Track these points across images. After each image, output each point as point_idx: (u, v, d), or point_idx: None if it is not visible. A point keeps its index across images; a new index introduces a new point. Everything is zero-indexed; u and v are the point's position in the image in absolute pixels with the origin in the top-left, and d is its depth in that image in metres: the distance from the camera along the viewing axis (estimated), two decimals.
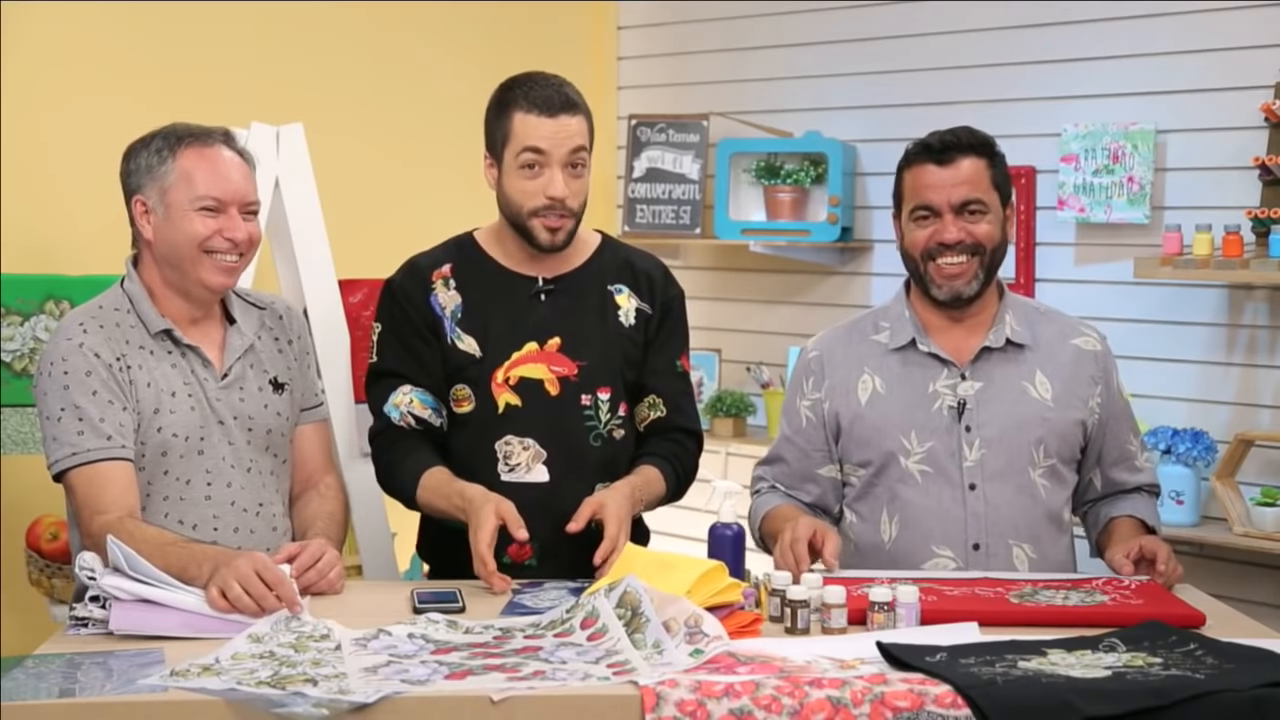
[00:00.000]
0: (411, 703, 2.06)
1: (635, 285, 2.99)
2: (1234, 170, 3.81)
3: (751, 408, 4.70)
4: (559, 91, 2.86)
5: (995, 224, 2.88)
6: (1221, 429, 3.86)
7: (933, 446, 2.86)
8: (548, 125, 2.83)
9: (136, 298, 2.76)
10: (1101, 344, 2.98)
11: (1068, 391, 2.90)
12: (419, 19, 4.61)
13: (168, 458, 2.71)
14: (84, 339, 2.69)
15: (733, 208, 4.65)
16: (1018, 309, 2.96)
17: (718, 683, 2.08)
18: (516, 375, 2.89)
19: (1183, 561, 3.90)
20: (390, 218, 4.46)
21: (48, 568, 3.59)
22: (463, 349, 2.91)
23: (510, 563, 2.84)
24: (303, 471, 2.93)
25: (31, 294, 3.56)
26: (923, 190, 2.87)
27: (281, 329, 2.91)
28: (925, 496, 2.86)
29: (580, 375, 2.90)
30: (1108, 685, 2.12)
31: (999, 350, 2.90)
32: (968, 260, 2.86)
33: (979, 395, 2.88)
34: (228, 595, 2.40)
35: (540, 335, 2.91)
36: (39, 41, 3.85)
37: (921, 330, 2.92)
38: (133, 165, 2.76)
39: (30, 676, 2.15)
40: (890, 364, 2.93)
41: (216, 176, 2.72)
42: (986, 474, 2.85)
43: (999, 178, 2.90)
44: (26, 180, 3.82)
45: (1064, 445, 2.90)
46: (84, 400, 2.65)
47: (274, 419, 2.83)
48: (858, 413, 2.92)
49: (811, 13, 4.64)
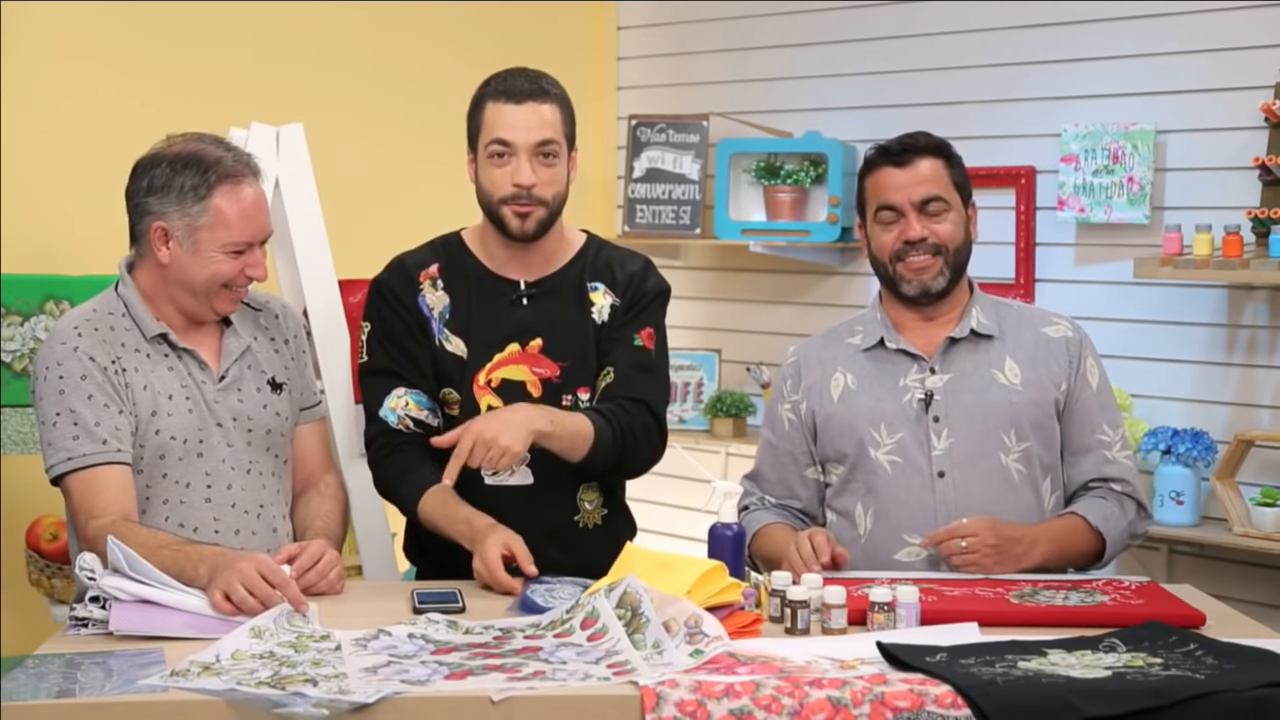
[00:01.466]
0: (411, 703, 2.06)
1: (612, 283, 2.96)
2: (1234, 170, 3.81)
3: (751, 408, 4.70)
4: (530, 82, 2.85)
5: (958, 224, 2.92)
6: (1221, 429, 3.86)
7: (902, 437, 2.90)
8: (515, 114, 2.82)
9: (131, 302, 2.75)
10: (1074, 331, 2.99)
11: (1036, 375, 2.92)
12: (419, 19, 4.61)
13: (166, 460, 2.71)
14: (78, 342, 2.68)
15: (733, 208, 4.65)
16: (985, 303, 3.00)
17: (718, 683, 2.08)
18: (499, 377, 2.89)
19: (1183, 561, 3.92)
20: (390, 218, 4.45)
21: (48, 568, 3.59)
22: (451, 350, 2.90)
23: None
24: (302, 470, 2.93)
25: (31, 294, 3.56)
26: (885, 191, 2.92)
27: (277, 328, 2.91)
28: (895, 486, 2.89)
29: (562, 376, 2.89)
30: (1108, 685, 2.12)
31: (965, 341, 2.94)
32: (931, 258, 2.90)
33: (946, 386, 2.91)
34: (232, 598, 2.40)
35: (522, 337, 2.90)
36: (39, 41, 3.85)
37: (891, 328, 2.97)
38: (152, 185, 2.71)
39: (30, 676, 2.15)
40: (862, 362, 2.98)
41: (247, 221, 2.72)
42: (955, 461, 2.87)
43: (958, 177, 2.95)
44: (26, 180, 3.83)
45: (1037, 428, 2.90)
46: (79, 404, 2.65)
47: (273, 419, 2.83)
48: (830, 410, 2.96)
49: (812, 13, 4.64)
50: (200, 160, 2.71)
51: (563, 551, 2.79)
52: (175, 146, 2.74)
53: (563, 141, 2.86)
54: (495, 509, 2.79)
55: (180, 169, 2.70)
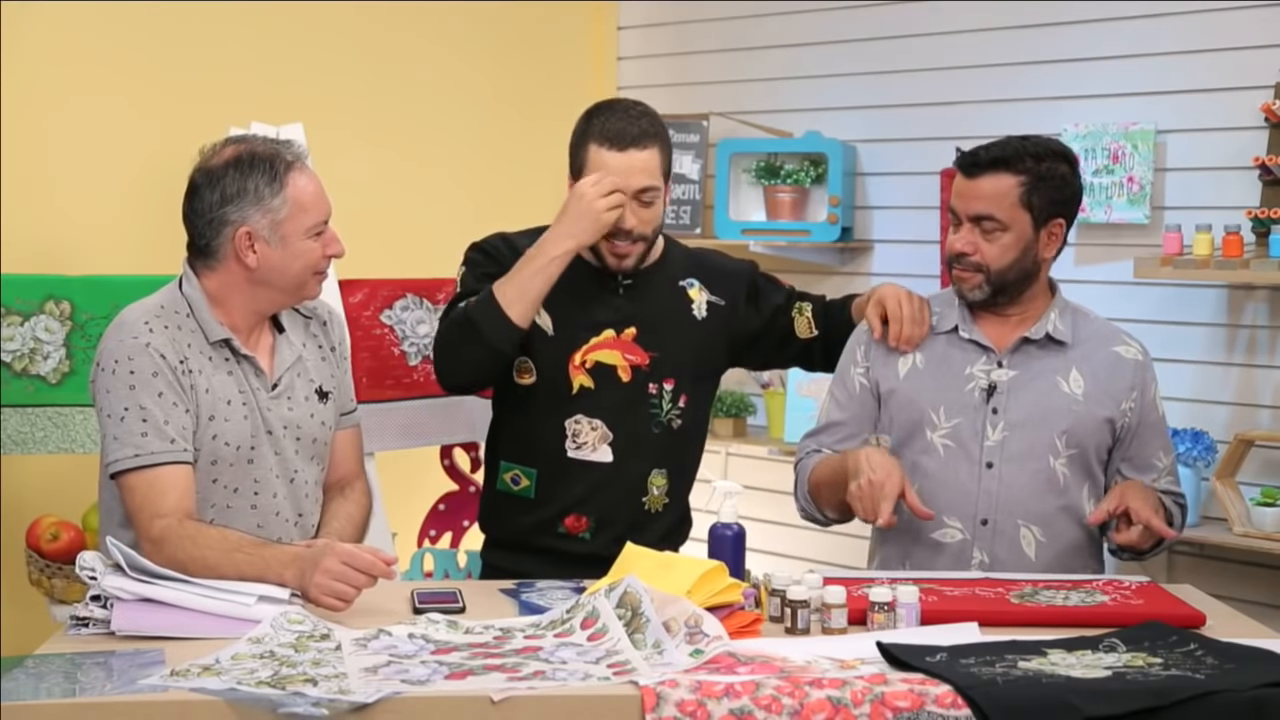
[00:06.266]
0: (411, 703, 2.06)
1: (705, 279, 3.12)
2: (1234, 170, 3.81)
3: (751, 408, 4.70)
4: (633, 124, 2.94)
5: (1013, 244, 2.90)
6: (1221, 429, 3.86)
7: (959, 423, 2.94)
8: (617, 160, 2.91)
9: (196, 303, 2.71)
10: (1143, 355, 3.03)
11: (1100, 391, 2.96)
12: (419, 19, 4.61)
13: (217, 466, 2.69)
14: (150, 338, 2.65)
15: (733, 208, 4.65)
16: (1065, 310, 3.02)
17: (718, 683, 2.08)
18: (593, 359, 3.01)
19: (1182, 561, 3.92)
20: (390, 217, 4.46)
21: (48, 568, 3.59)
22: (538, 323, 2.99)
23: (565, 533, 3.02)
24: (334, 475, 2.92)
25: (31, 294, 3.56)
26: (953, 197, 2.97)
27: (325, 335, 2.90)
28: (943, 469, 2.93)
29: (651, 364, 3.03)
30: (1108, 685, 2.12)
31: (1038, 343, 2.97)
32: (972, 273, 2.93)
33: (1011, 382, 2.95)
34: (344, 598, 2.44)
35: (618, 324, 3.02)
36: (39, 41, 3.85)
37: (968, 317, 3.00)
38: (225, 195, 2.67)
39: (30, 676, 2.16)
40: (935, 344, 3.02)
41: (320, 200, 2.73)
42: (1005, 455, 2.91)
43: (1035, 195, 2.89)
44: (26, 180, 3.82)
45: (1090, 439, 2.94)
46: (149, 401, 2.61)
47: (319, 428, 2.82)
48: (894, 385, 3.00)
49: (812, 13, 4.64)
50: (261, 158, 2.70)
51: (627, 529, 2.94)
52: (225, 153, 2.71)
53: (661, 182, 2.97)
54: (570, 482, 3.02)
55: (248, 171, 2.68)
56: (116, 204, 4.00)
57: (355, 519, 2.88)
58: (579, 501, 3.03)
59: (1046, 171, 2.89)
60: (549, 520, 3.04)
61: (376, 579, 2.47)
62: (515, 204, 4.07)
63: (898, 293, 3.03)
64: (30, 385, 3.54)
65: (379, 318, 3.87)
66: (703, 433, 3.20)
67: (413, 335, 3.88)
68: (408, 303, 3.90)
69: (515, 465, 3.08)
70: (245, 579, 2.47)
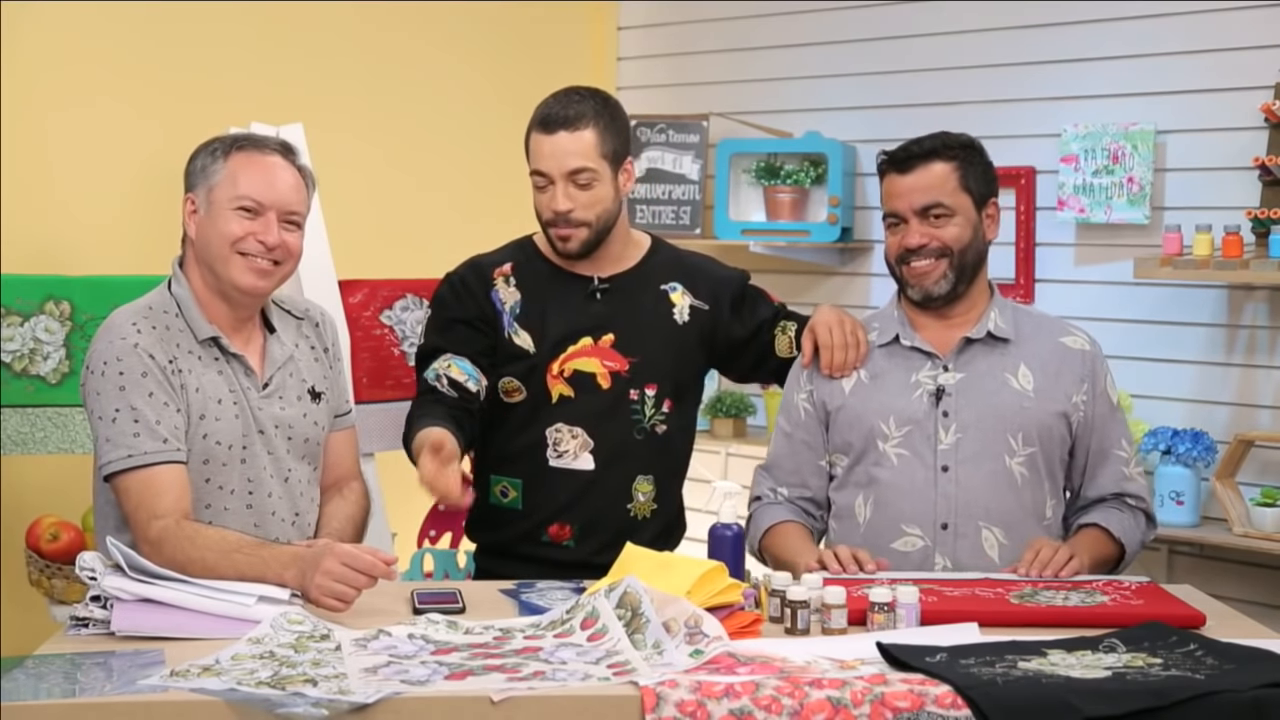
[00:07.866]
0: (411, 703, 2.06)
1: (690, 283, 3.11)
2: (1234, 170, 3.81)
3: (751, 408, 4.70)
4: (569, 107, 2.95)
5: (965, 225, 2.93)
6: (1221, 429, 3.86)
7: (910, 431, 2.92)
8: (546, 144, 2.95)
9: (184, 302, 2.73)
10: (1091, 345, 3.01)
11: (1050, 384, 2.94)
12: (419, 19, 4.61)
13: (210, 465, 2.69)
14: (138, 339, 2.65)
15: (733, 208, 4.65)
16: (1004, 307, 3.02)
17: (718, 683, 2.08)
18: (571, 368, 3.01)
19: (1183, 562, 3.92)
20: (390, 218, 4.46)
21: (48, 568, 3.59)
22: (518, 343, 3.01)
23: (549, 541, 3.02)
24: (330, 475, 2.92)
25: (31, 294, 3.55)
26: (889, 199, 2.97)
27: (318, 337, 2.91)
28: (899, 477, 2.92)
29: (631, 371, 3.02)
30: (1108, 686, 2.12)
31: (981, 342, 2.96)
32: (934, 261, 2.93)
33: (959, 384, 2.93)
34: (344, 599, 2.43)
35: (595, 331, 3.02)
36: (39, 42, 3.85)
37: (907, 326, 3.00)
38: (190, 167, 2.76)
39: (30, 676, 2.16)
40: (877, 358, 3.01)
41: (260, 180, 2.71)
42: (960, 457, 2.90)
43: (970, 179, 2.94)
44: (26, 180, 3.82)
45: (1045, 436, 2.93)
46: (140, 401, 2.62)
47: (311, 428, 2.83)
48: (841, 401, 2.99)
49: (812, 13, 4.64)
50: (232, 136, 2.76)
51: (613, 536, 2.91)
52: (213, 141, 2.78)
53: (599, 164, 2.95)
54: (554, 491, 2.99)
55: (208, 147, 2.75)
56: (116, 204, 3.99)
57: (354, 519, 2.88)
58: (562, 510, 3.03)
59: (971, 157, 2.96)
60: (533, 529, 3.05)
61: (376, 579, 2.47)
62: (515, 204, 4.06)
63: (829, 319, 3.02)
64: (30, 385, 3.54)
65: (379, 318, 3.86)
66: (690, 437, 3.19)
67: (413, 335, 3.87)
68: (408, 303, 3.89)
69: (503, 478, 3.08)
70: (245, 579, 2.47)
